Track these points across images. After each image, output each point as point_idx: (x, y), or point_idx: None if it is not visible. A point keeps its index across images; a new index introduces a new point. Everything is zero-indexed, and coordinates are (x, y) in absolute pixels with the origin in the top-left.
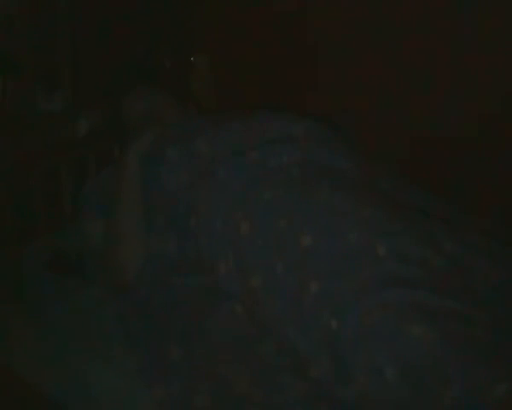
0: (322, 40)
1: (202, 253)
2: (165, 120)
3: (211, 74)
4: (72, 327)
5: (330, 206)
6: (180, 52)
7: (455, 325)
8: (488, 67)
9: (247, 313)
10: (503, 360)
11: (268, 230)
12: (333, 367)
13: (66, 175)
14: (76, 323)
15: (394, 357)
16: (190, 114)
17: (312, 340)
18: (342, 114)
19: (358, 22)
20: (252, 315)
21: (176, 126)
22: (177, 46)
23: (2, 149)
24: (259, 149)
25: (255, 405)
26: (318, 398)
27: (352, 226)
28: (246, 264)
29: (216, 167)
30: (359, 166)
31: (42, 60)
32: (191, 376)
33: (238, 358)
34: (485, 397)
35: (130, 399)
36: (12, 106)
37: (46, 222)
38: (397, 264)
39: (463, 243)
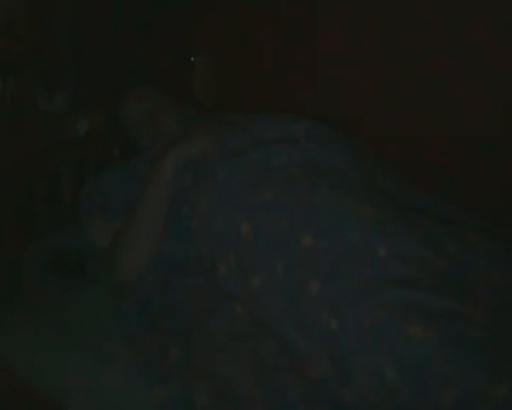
0: (323, 40)
1: (203, 253)
2: (165, 120)
3: (211, 74)
4: (73, 327)
5: (331, 206)
6: (180, 52)
7: (455, 326)
8: (492, 66)
9: (247, 313)
10: (503, 361)
11: (268, 230)
12: (333, 367)
13: (66, 175)
14: (76, 323)
15: (394, 357)
16: (190, 114)
17: (312, 340)
18: (342, 115)
19: (359, 23)
20: (252, 315)
21: (177, 128)
22: (177, 46)
23: (2, 148)
24: (260, 150)
25: (255, 405)
26: (318, 398)
27: (352, 227)
28: (246, 264)
29: (217, 168)
30: (360, 167)
31: (42, 60)
32: (191, 376)
33: (238, 358)
34: (486, 398)
35: (131, 399)
36: (12, 106)
37: (46, 222)
38: (397, 264)
39: (463, 243)
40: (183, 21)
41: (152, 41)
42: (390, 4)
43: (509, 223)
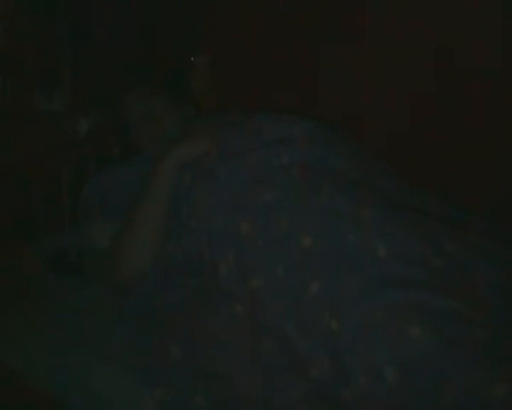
0: (323, 40)
1: (203, 253)
2: (165, 120)
3: (211, 74)
4: (72, 327)
5: (330, 207)
6: (180, 52)
7: (455, 326)
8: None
9: (247, 313)
10: (502, 361)
11: (268, 230)
12: (333, 367)
13: (66, 175)
14: (76, 323)
15: (394, 357)
16: (190, 114)
17: (312, 340)
18: (342, 114)
19: (359, 23)
20: (252, 316)
21: (177, 128)
22: (177, 46)
23: (2, 148)
24: (260, 150)
25: (255, 405)
26: (318, 398)
27: (352, 227)
28: (246, 265)
29: (217, 168)
30: (359, 167)
31: (42, 60)
32: (191, 376)
33: (238, 358)
34: (485, 398)
35: (131, 399)
36: (12, 106)
37: (46, 222)
38: (397, 264)
39: (463, 243)
40: (184, 21)
41: (152, 41)
42: (390, 5)
43: (509, 223)
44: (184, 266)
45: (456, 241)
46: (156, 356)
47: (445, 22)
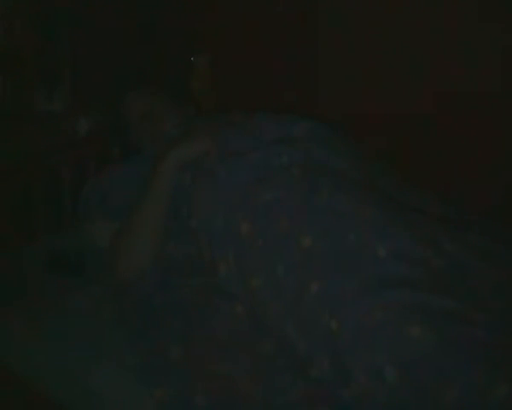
0: (323, 40)
1: (203, 253)
2: (165, 120)
3: (211, 74)
4: (73, 327)
5: (331, 206)
6: (180, 52)
7: (455, 326)
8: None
9: (247, 313)
10: (502, 361)
11: (268, 230)
12: (333, 367)
13: (67, 175)
14: (76, 323)
15: (394, 357)
16: (190, 114)
17: (312, 340)
18: (342, 114)
19: (358, 23)
20: (252, 315)
21: (177, 128)
22: (177, 46)
23: (2, 148)
24: (260, 150)
25: (255, 405)
26: (318, 398)
27: (352, 227)
28: (246, 264)
29: (217, 168)
30: (359, 167)
31: (42, 60)
32: (191, 376)
33: (238, 358)
34: (485, 398)
35: (130, 399)
36: (12, 106)
37: (46, 222)
38: (397, 264)
39: (463, 243)
40: (183, 21)
41: (152, 41)
42: (390, 4)
43: (509, 223)
44: (184, 266)
45: (456, 241)
46: (156, 356)
47: (444, 22)
